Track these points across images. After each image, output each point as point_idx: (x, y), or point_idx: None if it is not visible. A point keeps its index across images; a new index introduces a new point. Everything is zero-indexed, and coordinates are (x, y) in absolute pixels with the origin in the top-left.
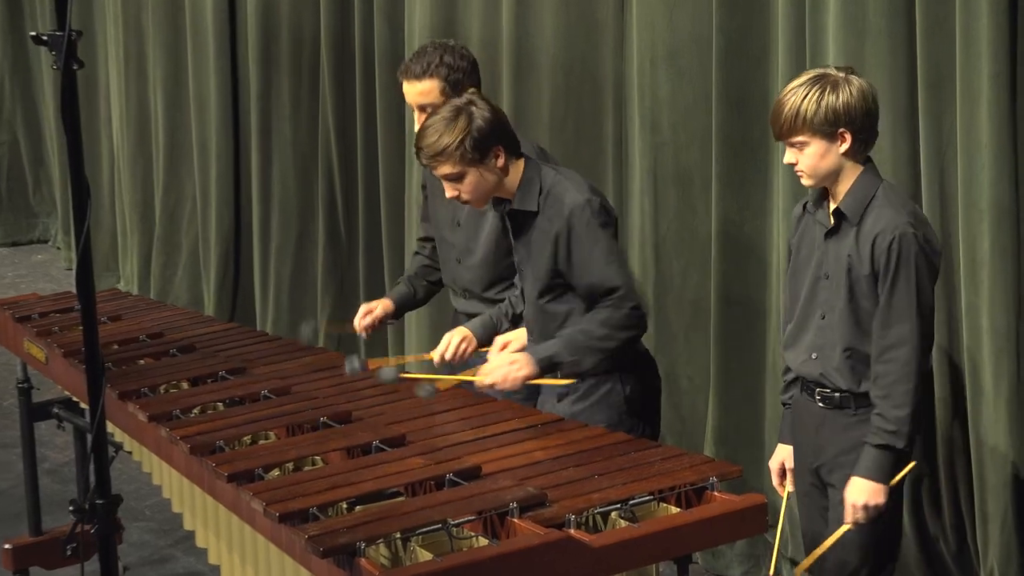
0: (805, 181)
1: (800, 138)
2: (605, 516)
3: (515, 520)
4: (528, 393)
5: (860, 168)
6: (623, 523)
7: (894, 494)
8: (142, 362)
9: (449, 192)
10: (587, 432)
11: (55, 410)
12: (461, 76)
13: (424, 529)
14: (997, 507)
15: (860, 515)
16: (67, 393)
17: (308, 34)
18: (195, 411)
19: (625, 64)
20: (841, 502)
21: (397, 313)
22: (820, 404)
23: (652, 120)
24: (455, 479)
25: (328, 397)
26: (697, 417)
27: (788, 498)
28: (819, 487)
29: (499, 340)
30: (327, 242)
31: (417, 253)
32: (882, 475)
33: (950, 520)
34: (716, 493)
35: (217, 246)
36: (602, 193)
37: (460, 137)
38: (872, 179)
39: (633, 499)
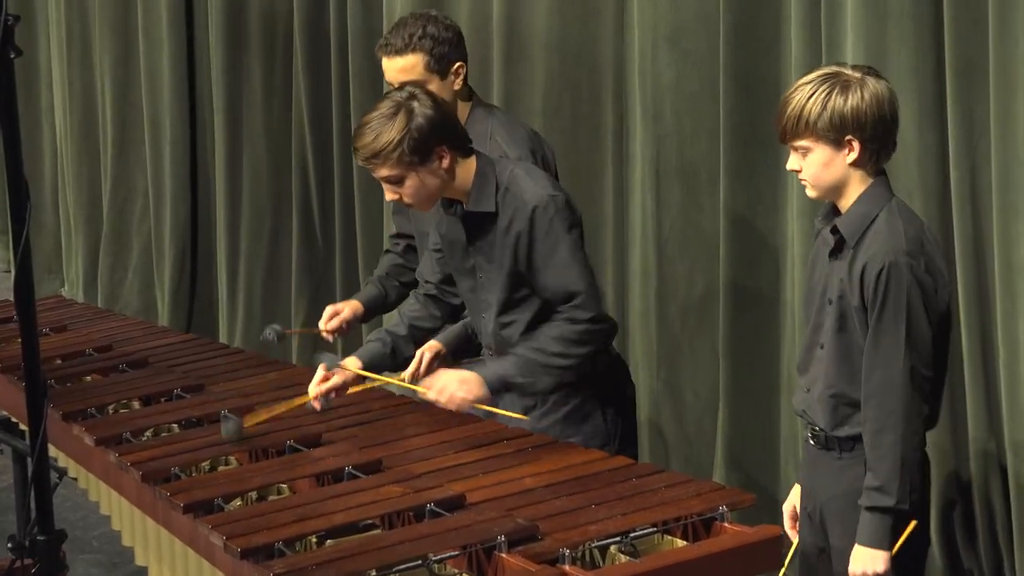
0: (809, 192)
1: (803, 143)
2: (603, 550)
3: (503, 555)
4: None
5: (868, 182)
6: (623, 558)
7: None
8: (88, 379)
9: (389, 195)
10: (583, 456)
11: None
12: (447, 49)
13: (403, 566)
14: None
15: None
16: (4, 412)
17: (281, 10)
18: (147, 434)
19: (625, 46)
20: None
21: (366, 316)
22: (811, 442)
23: (654, 108)
24: (437, 509)
25: (296, 417)
26: (705, 437)
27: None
28: (814, 532)
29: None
30: (301, 241)
31: (388, 251)
32: (877, 540)
33: (985, 552)
34: (727, 524)
35: (172, 247)
36: (564, 190)
37: (398, 137)
38: (878, 196)
39: (634, 531)
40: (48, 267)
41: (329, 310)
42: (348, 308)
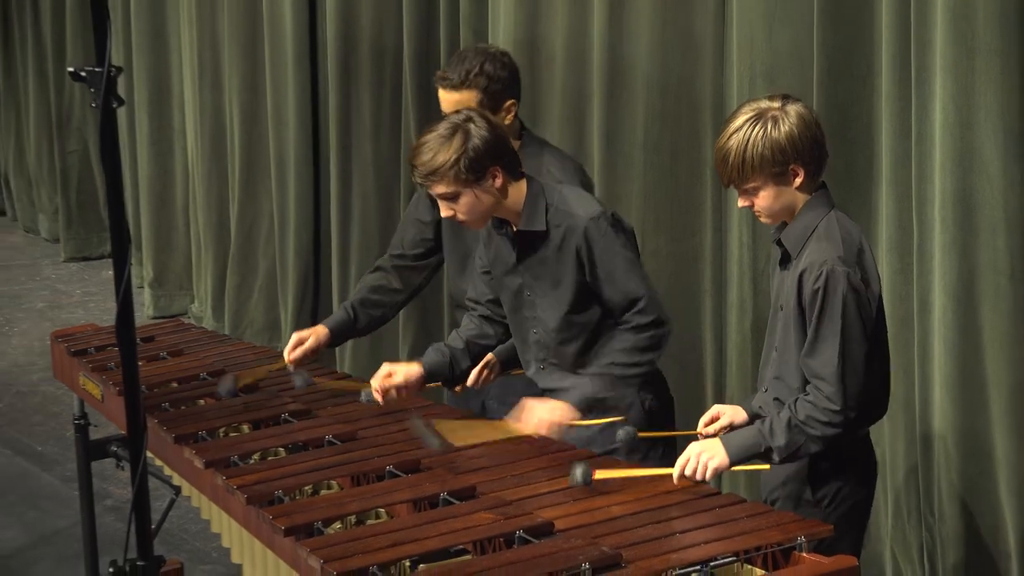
0: (764, 220)
1: (751, 184)
2: None
3: None
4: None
5: (810, 196)
6: None
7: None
8: (201, 402)
9: (444, 212)
10: (670, 485)
11: (113, 448)
12: (501, 88)
13: None
14: None
15: (688, 465)
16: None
17: (390, 46)
18: (254, 457)
19: (725, 83)
20: None
21: (332, 341)
22: None
23: None
24: (526, 536)
25: (396, 444)
26: None
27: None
28: None
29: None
30: None
31: (379, 268)
32: (735, 448)
33: None
34: (804, 554)
35: (295, 269)
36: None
37: (455, 157)
38: (818, 210)
39: (715, 560)
40: (180, 284)
41: (294, 339)
42: (313, 337)
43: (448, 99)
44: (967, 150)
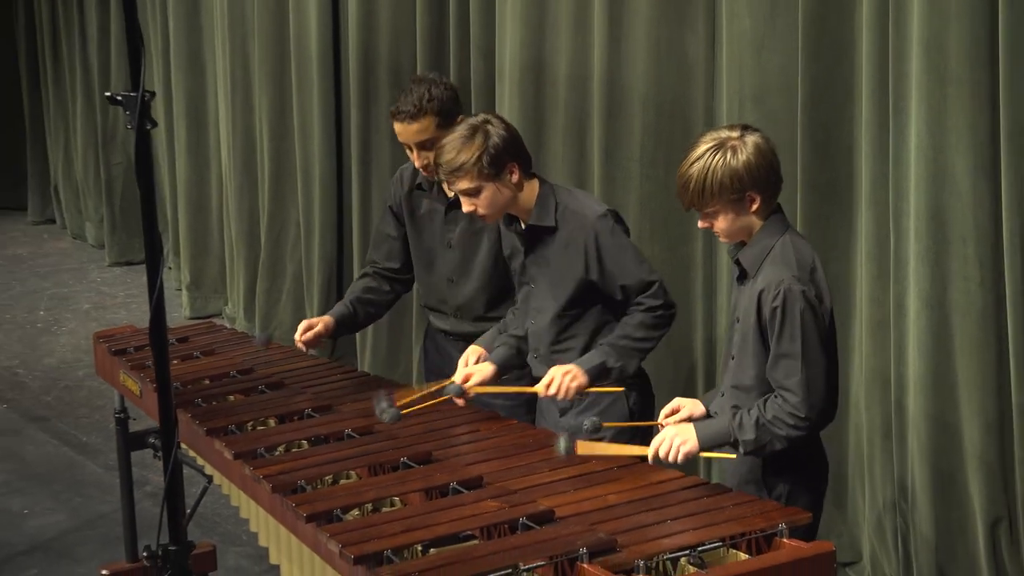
0: (722, 240)
1: (711, 209)
2: (675, 562)
3: (584, 565)
4: (521, 403)
5: (766, 219)
6: (692, 569)
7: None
8: (231, 398)
9: (466, 207)
10: (663, 475)
11: (151, 440)
12: (451, 106)
13: (495, 574)
14: None
15: (662, 447)
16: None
17: (406, 69)
18: (279, 449)
19: (716, 103)
20: None
21: (336, 332)
22: None
23: None
24: (528, 523)
25: (410, 436)
26: None
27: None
28: None
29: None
30: None
31: (365, 274)
32: (706, 434)
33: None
34: (785, 540)
35: (320, 273)
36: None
37: (477, 154)
38: (773, 232)
39: (703, 545)
40: (215, 288)
41: (304, 324)
42: (321, 323)
43: (407, 130)
44: (939, 170)
